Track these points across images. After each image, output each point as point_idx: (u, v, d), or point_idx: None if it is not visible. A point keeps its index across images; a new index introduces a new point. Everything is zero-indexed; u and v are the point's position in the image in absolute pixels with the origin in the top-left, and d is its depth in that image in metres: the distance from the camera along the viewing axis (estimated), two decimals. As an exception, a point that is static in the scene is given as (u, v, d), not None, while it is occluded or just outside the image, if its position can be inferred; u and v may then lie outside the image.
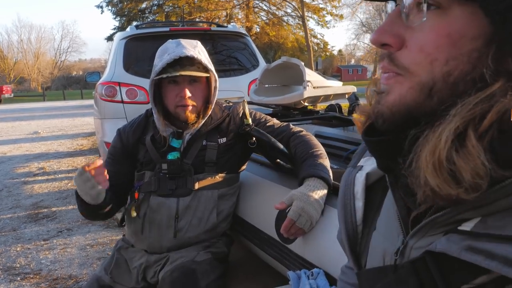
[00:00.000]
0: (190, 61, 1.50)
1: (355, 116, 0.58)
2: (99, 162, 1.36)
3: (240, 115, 1.66)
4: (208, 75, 1.54)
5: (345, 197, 0.71)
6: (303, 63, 2.55)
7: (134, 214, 1.58)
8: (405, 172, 0.49)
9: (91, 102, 7.79)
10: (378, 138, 0.53)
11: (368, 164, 0.70)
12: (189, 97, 1.53)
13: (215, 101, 1.62)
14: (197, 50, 1.53)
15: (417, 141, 0.47)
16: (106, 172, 1.40)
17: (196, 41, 1.59)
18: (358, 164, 0.73)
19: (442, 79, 0.46)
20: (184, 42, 1.54)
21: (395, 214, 0.58)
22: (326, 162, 1.47)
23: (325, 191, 1.36)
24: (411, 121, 0.48)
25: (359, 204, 0.69)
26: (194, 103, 1.56)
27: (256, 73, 4.40)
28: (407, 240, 0.54)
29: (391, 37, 0.49)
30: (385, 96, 0.50)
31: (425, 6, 0.46)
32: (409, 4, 0.48)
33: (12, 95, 31.79)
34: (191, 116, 1.55)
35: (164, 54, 1.51)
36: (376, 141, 0.53)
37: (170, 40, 1.57)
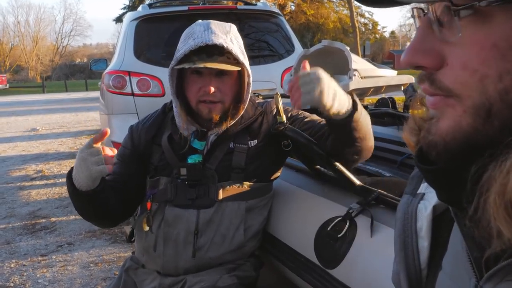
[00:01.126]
0: (219, 50, 1.49)
1: (404, 136, 0.57)
2: (107, 132, 1.45)
3: (274, 112, 1.64)
4: (238, 68, 1.53)
5: (405, 234, 0.68)
6: (348, 48, 2.51)
7: (146, 228, 1.59)
8: (471, 221, 0.47)
9: (97, 94, 7.94)
10: (434, 167, 0.52)
11: (432, 191, 0.67)
12: (214, 93, 1.53)
13: (248, 99, 1.61)
14: (229, 37, 1.52)
15: (481, 179, 0.45)
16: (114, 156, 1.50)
17: (230, 25, 1.58)
18: (419, 192, 0.70)
19: (499, 98, 0.44)
20: (215, 25, 1.53)
21: (465, 252, 0.56)
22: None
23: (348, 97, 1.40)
24: (471, 150, 0.47)
25: (424, 243, 0.66)
26: (221, 100, 1.56)
27: (290, 60, 4.38)
28: (481, 285, 0.52)
29: (426, 57, 0.48)
30: (436, 122, 0.49)
31: (457, 20, 0.44)
32: (439, 13, 0.46)
33: (7, 85, 32.98)
34: (216, 115, 1.56)
35: (189, 38, 1.51)
36: (432, 170, 0.52)
37: (200, 21, 1.57)
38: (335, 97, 1.33)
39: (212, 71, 1.53)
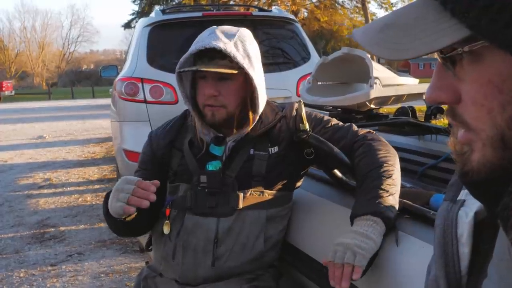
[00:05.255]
0: (221, 54, 1.52)
1: (450, 143, 0.59)
2: (153, 187, 1.47)
3: (295, 118, 1.66)
4: (235, 71, 1.55)
5: (446, 241, 0.70)
6: (369, 56, 2.54)
7: (167, 230, 1.62)
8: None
9: (104, 101, 8.00)
10: (475, 180, 0.55)
11: (472, 197, 0.69)
12: (215, 97, 1.57)
13: (260, 105, 1.62)
14: (233, 40, 1.55)
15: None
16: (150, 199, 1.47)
17: (239, 29, 1.62)
18: (459, 198, 0.72)
19: (507, 127, 0.49)
20: (221, 30, 1.58)
21: None
22: (386, 183, 1.43)
23: (373, 224, 1.34)
24: (503, 175, 0.51)
25: (465, 250, 0.68)
26: (223, 105, 1.58)
27: (306, 68, 4.42)
28: None
29: (444, 93, 0.53)
30: (470, 156, 0.54)
31: (449, 65, 0.51)
32: (444, 56, 0.51)
33: (13, 92, 33.21)
34: (219, 119, 1.59)
35: (195, 43, 1.56)
36: (473, 184, 0.56)
37: (214, 26, 1.62)
38: (361, 231, 1.33)
39: (214, 75, 1.57)
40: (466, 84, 0.50)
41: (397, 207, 1.41)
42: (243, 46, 1.57)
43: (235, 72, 1.55)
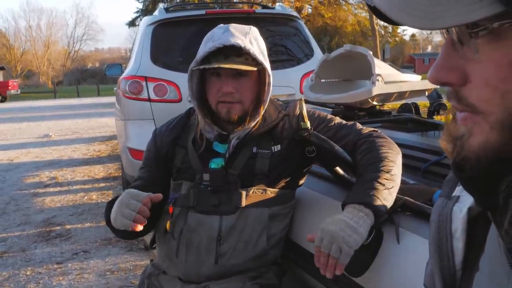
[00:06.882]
0: (237, 51, 1.54)
1: (442, 143, 0.59)
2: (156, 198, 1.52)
3: (298, 116, 1.67)
4: (255, 68, 1.58)
5: (440, 236, 0.70)
6: (371, 52, 2.54)
7: (169, 228, 1.63)
8: (506, 236, 0.50)
9: (109, 99, 8.03)
10: (469, 174, 0.53)
11: (467, 193, 0.70)
12: (232, 93, 1.58)
13: (268, 101, 1.65)
14: (248, 38, 1.57)
15: None
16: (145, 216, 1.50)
17: (250, 27, 1.64)
18: (453, 195, 0.73)
19: None
20: (234, 28, 1.59)
21: (503, 252, 0.58)
22: (384, 177, 1.44)
23: (364, 216, 1.35)
24: (504, 162, 0.49)
25: (459, 245, 0.68)
26: (239, 101, 1.60)
27: (310, 65, 4.42)
28: None
29: (450, 74, 0.50)
30: (468, 139, 0.52)
31: (474, 41, 0.47)
32: (458, 32, 0.49)
33: (19, 91, 33.31)
34: (235, 115, 1.60)
35: (210, 41, 1.57)
36: (467, 177, 0.54)
37: (221, 25, 1.63)
38: (349, 221, 1.34)
39: (230, 72, 1.58)
40: (478, 65, 0.48)
41: (391, 202, 1.41)
42: (257, 43, 1.60)
43: (254, 69, 1.57)
